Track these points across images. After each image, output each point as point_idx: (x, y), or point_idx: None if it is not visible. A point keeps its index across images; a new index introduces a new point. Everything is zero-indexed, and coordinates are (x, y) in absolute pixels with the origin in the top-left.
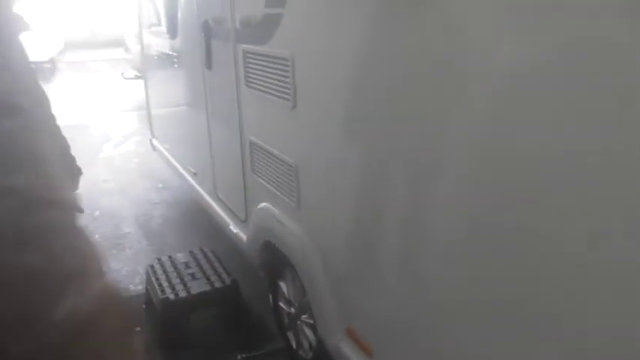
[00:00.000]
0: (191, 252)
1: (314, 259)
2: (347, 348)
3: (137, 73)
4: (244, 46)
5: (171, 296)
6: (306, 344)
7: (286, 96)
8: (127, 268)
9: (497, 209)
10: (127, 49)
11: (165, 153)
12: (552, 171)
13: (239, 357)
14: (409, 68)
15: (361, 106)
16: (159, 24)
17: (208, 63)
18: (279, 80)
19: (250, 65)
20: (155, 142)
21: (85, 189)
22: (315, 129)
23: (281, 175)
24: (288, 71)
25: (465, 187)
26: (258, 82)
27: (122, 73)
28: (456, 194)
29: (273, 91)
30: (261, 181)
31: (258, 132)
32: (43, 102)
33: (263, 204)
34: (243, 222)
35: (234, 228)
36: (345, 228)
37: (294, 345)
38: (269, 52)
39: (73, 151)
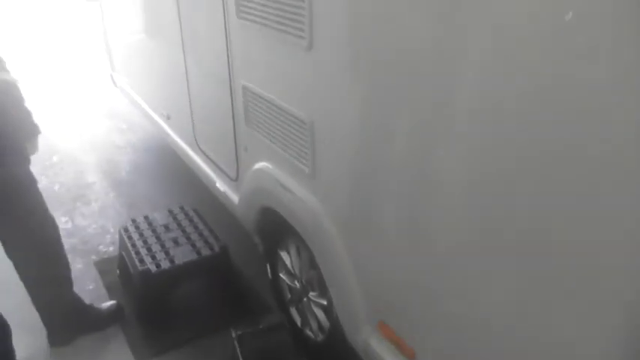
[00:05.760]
0: (170, 211)
1: (333, 238)
2: (380, 347)
3: None
4: None
5: (153, 267)
6: (314, 325)
7: (299, 32)
8: (94, 225)
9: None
10: None
11: (130, 90)
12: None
13: (234, 334)
14: None
15: (407, 46)
16: None
17: None
18: (288, 11)
19: None
20: (116, 76)
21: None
22: (339, 76)
23: (289, 132)
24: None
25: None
26: (255, 12)
27: None
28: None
29: (278, 25)
30: (259, 136)
31: (254, 76)
32: None
33: (261, 164)
34: (233, 181)
35: (221, 186)
36: (377, 204)
37: (298, 323)
38: None
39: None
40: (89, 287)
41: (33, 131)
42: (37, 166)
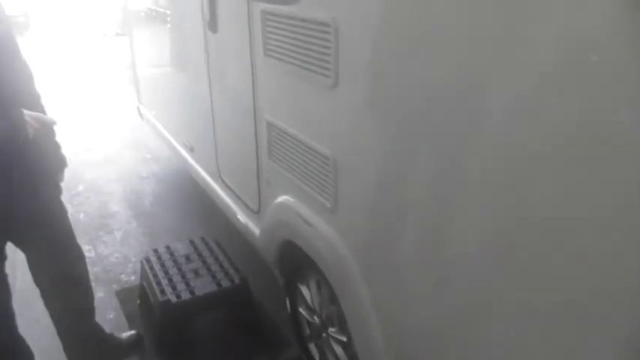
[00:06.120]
0: (192, 242)
1: (354, 273)
2: None
3: (119, 31)
4: (263, 5)
5: (173, 298)
6: None
7: (324, 71)
8: (116, 255)
9: None
10: None
11: (154, 121)
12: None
13: None
14: None
15: (430, 85)
16: None
17: (213, 25)
18: (314, 51)
19: (271, 30)
20: (143, 109)
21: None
22: (363, 114)
23: (311, 167)
24: (329, 40)
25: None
26: (282, 51)
27: (102, 31)
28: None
29: (304, 64)
30: (282, 170)
31: (279, 112)
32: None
33: (283, 197)
34: (254, 213)
35: (242, 218)
36: (399, 241)
37: (317, 358)
38: (301, 15)
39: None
40: (110, 316)
41: (60, 164)
42: (63, 194)
